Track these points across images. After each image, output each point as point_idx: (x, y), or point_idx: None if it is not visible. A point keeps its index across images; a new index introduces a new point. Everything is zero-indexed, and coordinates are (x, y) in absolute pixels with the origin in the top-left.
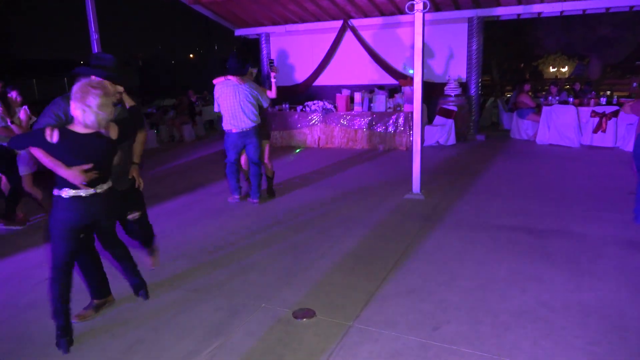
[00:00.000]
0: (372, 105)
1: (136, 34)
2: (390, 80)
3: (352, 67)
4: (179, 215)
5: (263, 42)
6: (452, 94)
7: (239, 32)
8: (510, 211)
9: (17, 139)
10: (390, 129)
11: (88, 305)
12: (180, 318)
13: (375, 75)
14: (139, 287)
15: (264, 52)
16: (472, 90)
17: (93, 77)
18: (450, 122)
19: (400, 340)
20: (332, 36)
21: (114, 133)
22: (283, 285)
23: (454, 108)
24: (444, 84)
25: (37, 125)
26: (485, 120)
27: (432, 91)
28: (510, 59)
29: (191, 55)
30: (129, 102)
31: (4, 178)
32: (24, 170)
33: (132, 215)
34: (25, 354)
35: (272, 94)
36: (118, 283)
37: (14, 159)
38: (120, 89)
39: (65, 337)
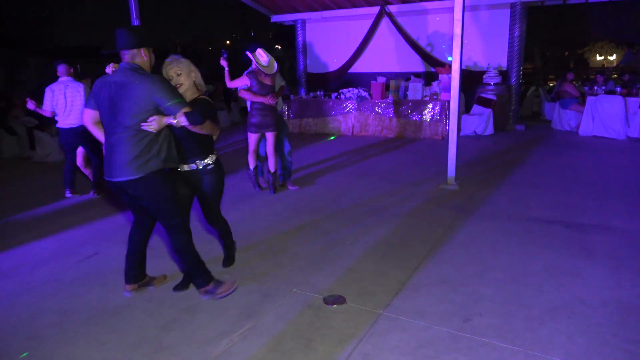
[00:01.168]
0: (407, 93)
1: (175, 20)
2: (427, 68)
3: (388, 54)
4: None
5: (299, 28)
6: (492, 83)
7: (275, 18)
8: (548, 204)
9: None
10: (426, 117)
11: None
12: (213, 299)
13: (411, 63)
14: (230, 257)
15: (300, 38)
16: (513, 79)
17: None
18: (488, 112)
19: (430, 331)
20: (369, 22)
21: None
22: (314, 271)
23: (493, 97)
24: (483, 72)
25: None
26: (526, 110)
27: (471, 79)
28: (554, 46)
29: (228, 42)
30: None
31: (79, 156)
32: None
33: None
34: (68, 327)
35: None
36: (157, 262)
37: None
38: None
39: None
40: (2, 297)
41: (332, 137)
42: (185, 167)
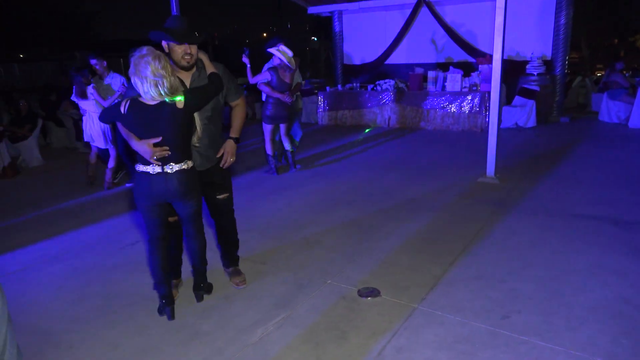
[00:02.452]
0: (446, 84)
1: (214, 13)
2: (466, 58)
3: (426, 45)
4: (250, 190)
5: (335, 19)
6: (535, 73)
7: (311, 9)
8: (593, 199)
9: (103, 113)
10: (465, 109)
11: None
12: (249, 288)
13: (450, 53)
14: (198, 288)
15: (337, 29)
16: (558, 69)
17: (144, 48)
18: (531, 103)
19: (467, 327)
20: (406, 12)
21: (179, 103)
22: (348, 263)
23: (536, 88)
24: (526, 62)
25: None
26: (571, 101)
27: (512, 69)
28: (603, 34)
29: (264, 34)
30: (209, 68)
31: (93, 150)
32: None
33: (222, 197)
34: (111, 311)
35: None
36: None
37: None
38: (191, 49)
39: (169, 305)
40: (51, 280)
41: (368, 130)
42: None
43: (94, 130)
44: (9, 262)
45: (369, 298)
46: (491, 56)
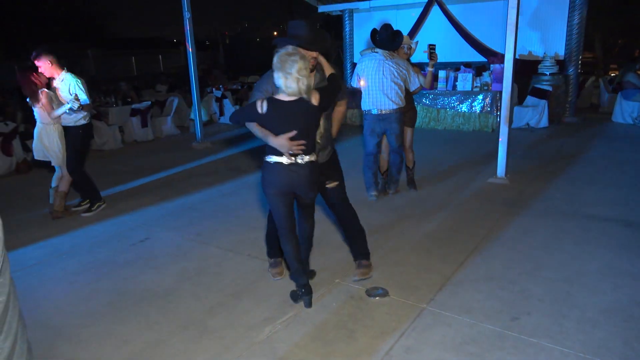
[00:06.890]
0: (457, 83)
1: (224, 11)
2: (478, 57)
3: (437, 44)
4: (259, 188)
5: (346, 18)
6: (547, 73)
7: (322, 8)
8: (606, 201)
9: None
10: (476, 109)
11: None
12: (258, 286)
13: (461, 52)
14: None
15: (347, 28)
16: (571, 69)
17: (290, 47)
18: (543, 103)
19: (475, 328)
20: (418, 11)
21: (315, 100)
22: None
23: (549, 88)
24: (538, 62)
25: (250, 101)
26: (584, 102)
27: (524, 69)
28: (618, 33)
29: (275, 33)
30: (327, 70)
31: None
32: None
33: (331, 185)
34: (121, 307)
35: (426, 82)
36: (204, 249)
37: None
38: (314, 54)
39: (308, 294)
40: (63, 275)
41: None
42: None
43: (48, 145)
44: (22, 257)
45: (377, 298)
46: (503, 55)
